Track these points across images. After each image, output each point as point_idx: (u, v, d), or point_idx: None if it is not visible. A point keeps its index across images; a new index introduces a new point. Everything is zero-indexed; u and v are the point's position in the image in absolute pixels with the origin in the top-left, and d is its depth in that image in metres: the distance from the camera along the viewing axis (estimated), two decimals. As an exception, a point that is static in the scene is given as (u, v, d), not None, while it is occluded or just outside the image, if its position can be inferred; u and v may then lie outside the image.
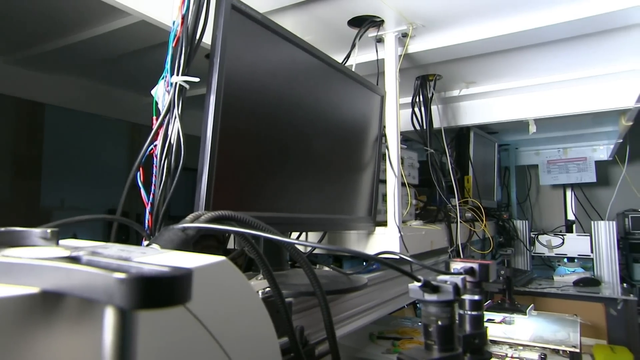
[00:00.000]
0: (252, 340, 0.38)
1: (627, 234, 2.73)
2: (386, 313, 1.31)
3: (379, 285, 1.33)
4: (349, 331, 1.09)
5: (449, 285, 0.53)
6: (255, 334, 0.39)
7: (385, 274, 1.36)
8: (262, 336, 0.39)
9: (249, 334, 0.37)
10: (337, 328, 1.07)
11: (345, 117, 1.12)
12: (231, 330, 0.35)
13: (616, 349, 2.03)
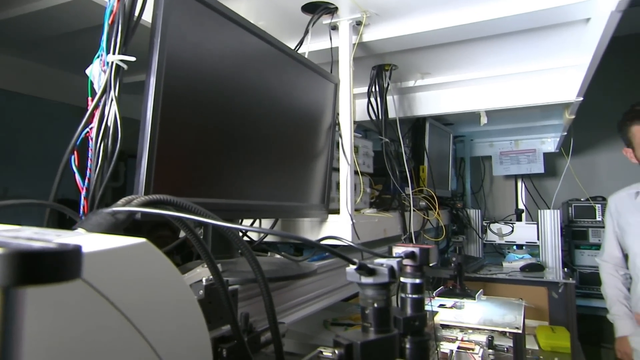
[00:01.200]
0: (176, 326, 0.37)
1: (571, 222, 2.89)
2: (338, 300, 1.32)
3: (332, 272, 1.34)
4: (300, 317, 1.09)
5: (385, 268, 0.54)
6: (179, 319, 0.38)
7: (337, 261, 1.38)
8: (188, 322, 0.39)
9: (172, 318, 0.36)
10: (287, 315, 1.08)
11: (297, 104, 1.12)
12: (151, 315, 0.34)
13: (556, 329, 2.15)
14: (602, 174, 3.10)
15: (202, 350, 0.40)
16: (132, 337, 0.31)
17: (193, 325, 0.39)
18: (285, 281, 0.99)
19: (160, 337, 0.34)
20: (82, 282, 0.27)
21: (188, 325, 0.38)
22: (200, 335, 0.40)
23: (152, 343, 0.33)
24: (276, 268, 0.96)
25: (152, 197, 0.53)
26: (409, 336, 0.72)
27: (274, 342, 0.65)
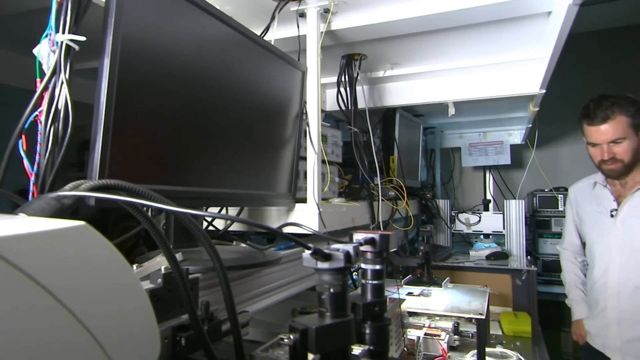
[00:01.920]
0: (117, 309, 0.36)
1: (535, 212, 2.98)
2: (305, 288, 1.32)
3: (299, 260, 1.34)
4: (265, 306, 1.09)
5: (340, 253, 0.54)
6: (121, 303, 0.37)
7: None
8: (130, 306, 0.38)
9: (112, 302, 0.35)
10: (252, 303, 1.07)
11: (263, 92, 1.10)
12: (87, 297, 0.33)
13: (519, 314, 2.23)
14: (565, 165, 3.21)
15: (148, 334, 0.39)
16: (64, 319, 0.30)
17: (136, 310, 0.38)
18: (249, 269, 0.98)
19: (98, 320, 0.33)
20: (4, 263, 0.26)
21: (130, 309, 0.37)
22: (145, 319, 0.39)
23: (88, 325, 0.32)
24: (239, 256, 0.95)
25: (101, 182, 0.51)
26: (369, 321, 0.73)
27: (232, 330, 0.65)
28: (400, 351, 1.62)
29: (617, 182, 1.80)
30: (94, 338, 0.32)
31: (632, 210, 1.72)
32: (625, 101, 1.68)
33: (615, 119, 1.66)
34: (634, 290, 1.69)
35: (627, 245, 1.71)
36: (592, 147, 1.76)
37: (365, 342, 0.73)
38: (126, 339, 0.36)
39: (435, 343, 1.90)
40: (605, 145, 1.70)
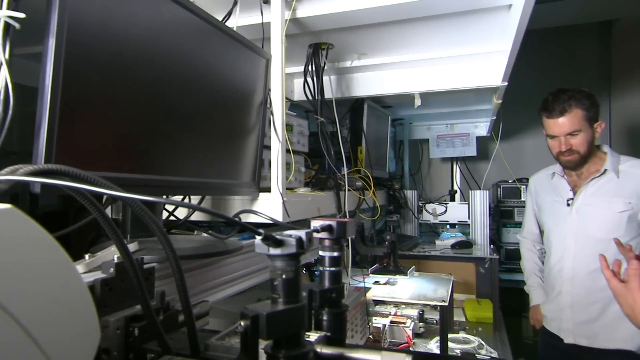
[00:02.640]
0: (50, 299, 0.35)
1: (499, 202, 3.07)
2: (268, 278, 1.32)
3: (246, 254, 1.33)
4: (227, 295, 1.08)
5: (293, 239, 0.54)
6: (54, 292, 0.35)
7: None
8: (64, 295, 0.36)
9: (41, 286, 0.34)
10: (213, 293, 1.06)
11: (224, 79, 1.08)
12: (11, 281, 0.31)
13: (482, 301, 2.30)
14: (529, 157, 3.31)
15: (84, 323, 0.38)
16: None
17: (70, 297, 0.37)
18: (209, 259, 0.97)
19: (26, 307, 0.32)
20: None
21: (64, 297, 0.36)
22: (80, 307, 0.38)
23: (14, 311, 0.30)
24: (198, 245, 0.93)
25: (41, 167, 0.49)
26: (326, 308, 0.74)
27: (186, 319, 0.64)
28: (365, 339, 1.65)
29: (573, 172, 1.87)
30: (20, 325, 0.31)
31: (587, 199, 1.80)
32: (581, 95, 1.74)
33: (571, 112, 1.72)
34: (587, 275, 1.76)
35: (582, 233, 1.78)
36: (551, 139, 1.82)
37: (323, 329, 0.73)
38: (59, 326, 0.35)
39: (400, 330, 1.94)
40: (562, 138, 1.76)
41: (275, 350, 0.55)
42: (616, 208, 1.72)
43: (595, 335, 1.77)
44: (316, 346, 0.65)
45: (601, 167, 1.78)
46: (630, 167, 1.75)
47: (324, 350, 0.65)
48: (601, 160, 1.81)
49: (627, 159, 1.80)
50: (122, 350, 0.68)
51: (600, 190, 1.77)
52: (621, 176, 1.75)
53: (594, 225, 1.76)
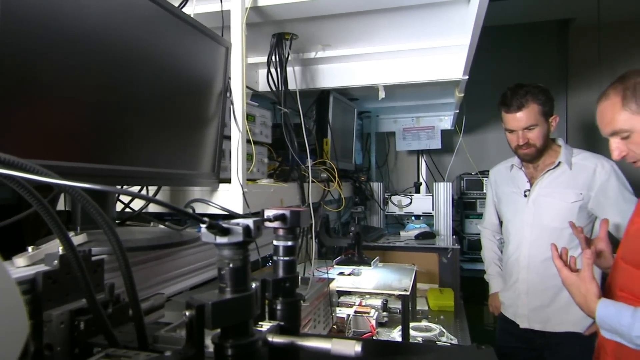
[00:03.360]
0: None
1: (462, 194, 3.15)
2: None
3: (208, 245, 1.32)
4: (184, 287, 1.06)
5: (239, 227, 0.54)
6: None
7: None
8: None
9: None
10: (170, 285, 1.04)
11: (181, 66, 1.06)
12: None
13: (444, 290, 2.36)
14: (491, 150, 3.41)
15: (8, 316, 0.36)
16: None
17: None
18: (164, 250, 0.95)
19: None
20: None
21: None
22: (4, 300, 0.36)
23: None
24: (152, 237, 0.91)
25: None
26: (280, 297, 0.74)
27: (133, 312, 0.62)
28: (328, 329, 1.66)
29: (530, 165, 1.94)
30: None
31: (542, 190, 1.87)
32: (537, 90, 1.81)
33: (528, 107, 1.79)
34: (541, 263, 1.84)
35: (537, 223, 1.85)
36: (510, 133, 1.88)
37: (277, 318, 0.73)
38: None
39: (364, 320, 1.96)
40: (520, 132, 1.82)
41: (223, 340, 0.55)
42: (569, 199, 1.80)
43: (547, 319, 1.85)
44: (268, 335, 0.65)
45: (556, 159, 1.86)
46: (581, 159, 1.83)
47: (275, 339, 0.64)
48: (556, 153, 1.88)
49: (579, 152, 1.88)
50: (66, 345, 0.66)
51: (554, 182, 1.85)
52: (574, 168, 1.83)
53: (548, 215, 1.83)
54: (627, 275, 1.21)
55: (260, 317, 0.71)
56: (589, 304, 1.21)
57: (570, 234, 1.81)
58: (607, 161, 1.80)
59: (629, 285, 1.20)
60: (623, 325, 1.10)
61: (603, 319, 1.16)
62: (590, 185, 1.78)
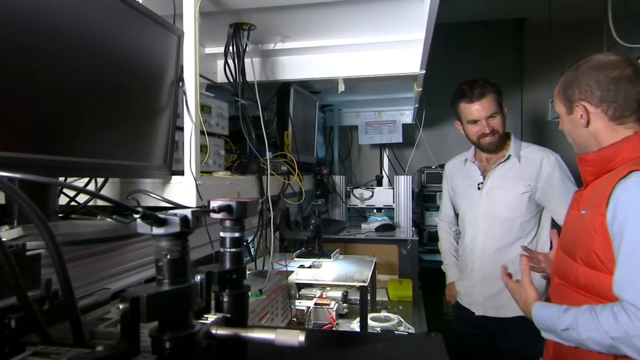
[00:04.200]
0: None
1: (423, 187, 3.22)
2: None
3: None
4: (133, 282, 1.04)
5: (176, 218, 0.52)
6: None
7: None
8: None
9: None
10: (118, 279, 1.01)
11: (129, 54, 1.02)
12: None
13: (403, 281, 2.41)
14: (451, 144, 3.49)
15: None
16: None
17: None
18: (111, 244, 0.92)
19: None
20: None
21: None
22: None
23: None
24: (96, 230, 0.88)
25: None
26: (227, 289, 0.73)
27: (67, 308, 0.60)
28: (287, 321, 1.67)
29: (483, 158, 2.00)
30: None
31: (494, 183, 1.94)
32: (488, 83, 1.88)
33: (488, 96, 1.86)
34: (495, 253, 1.91)
35: (490, 214, 1.92)
36: (472, 124, 1.93)
37: (223, 311, 0.72)
38: None
39: (324, 312, 1.98)
40: (484, 121, 1.88)
41: (161, 333, 0.54)
42: (518, 190, 1.88)
43: (501, 306, 1.92)
44: (211, 328, 0.64)
45: (506, 153, 1.93)
46: (529, 152, 1.92)
47: (218, 331, 0.64)
48: (507, 146, 1.96)
49: (527, 145, 1.96)
50: (-4, 343, 0.63)
51: (505, 174, 1.92)
52: (522, 161, 1.91)
53: (500, 206, 1.91)
54: (562, 263, 1.28)
55: (205, 310, 0.70)
56: (528, 307, 1.29)
57: (521, 223, 1.90)
58: (552, 154, 1.89)
59: (563, 272, 1.27)
60: (552, 322, 1.16)
61: (538, 319, 1.23)
62: (537, 177, 1.86)
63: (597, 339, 1.05)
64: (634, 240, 1.04)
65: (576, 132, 1.29)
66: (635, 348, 1.00)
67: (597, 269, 1.13)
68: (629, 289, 1.02)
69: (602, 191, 1.13)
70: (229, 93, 2.08)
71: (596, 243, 1.12)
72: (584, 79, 1.23)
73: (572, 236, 1.24)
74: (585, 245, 1.16)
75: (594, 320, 1.06)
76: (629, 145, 1.16)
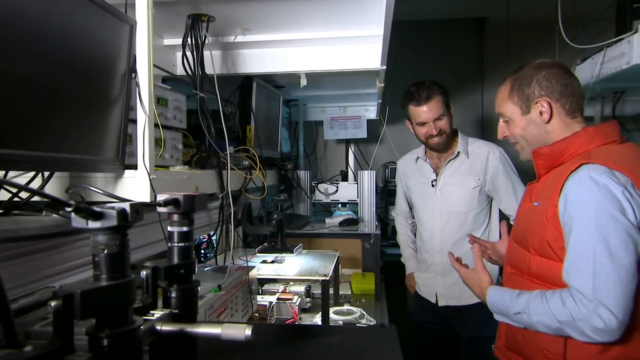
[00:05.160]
0: None
1: (387, 182, 3.27)
2: (141, 258, 1.25)
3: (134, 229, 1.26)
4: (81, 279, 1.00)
5: (113, 211, 0.51)
6: None
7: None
8: None
9: None
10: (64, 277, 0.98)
11: (76, 43, 0.97)
12: None
13: (366, 275, 2.44)
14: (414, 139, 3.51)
15: None
16: None
17: None
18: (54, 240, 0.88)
19: None
20: None
21: None
22: None
23: None
24: (39, 226, 0.84)
25: None
26: (175, 285, 0.71)
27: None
28: (248, 317, 1.66)
29: (434, 155, 2.07)
30: None
31: (447, 179, 2.00)
32: (436, 84, 1.94)
33: (435, 98, 1.92)
34: (453, 246, 1.97)
35: (446, 209, 1.98)
36: (421, 126, 1.98)
37: (171, 306, 0.71)
38: None
39: (287, 306, 1.98)
40: (432, 123, 1.94)
41: (98, 330, 0.52)
42: (470, 185, 1.95)
43: (461, 294, 1.98)
44: (156, 324, 0.63)
45: (454, 149, 2.00)
46: (476, 148, 1.99)
47: (163, 327, 0.62)
48: (455, 143, 2.02)
49: (474, 141, 2.03)
50: None
51: (456, 170, 1.99)
52: (471, 156, 1.98)
53: (455, 202, 1.97)
54: (514, 252, 1.33)
55: (152, 306, 0.68)
56: (483, 291, 1.33)
57: (474, 215, 1.97)
58: (497, 147, 1.98)
59: (515, 261, 1.32)
60: (505, 306, 1.22)
61: (492, 303, 1.28)
62: (485, 170, 1.94)
63: (546, 322, 1.11)
64: (582, 230, 1.09)
65: (532, 132, 1.31)
66: (579, 330, 1.06)
67: (549, 257, 1.18)
68: (576, 276, 1.08)
69: (555, 183, 1.18)
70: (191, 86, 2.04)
71: (548, 233, 1.17)
72: (542, 76, 1.26)
73: (525, 227, 1.29)
74: (538, 235, 1.20)
75: (544, 305, 1.12)
76: (578, 140, 1.22)
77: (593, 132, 1.22)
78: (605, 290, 1.03)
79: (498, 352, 1.37)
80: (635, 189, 1.08)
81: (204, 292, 1.37)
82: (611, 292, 1.03)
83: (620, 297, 1.03)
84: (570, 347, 1.13)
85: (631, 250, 1.04)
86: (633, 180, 1.08)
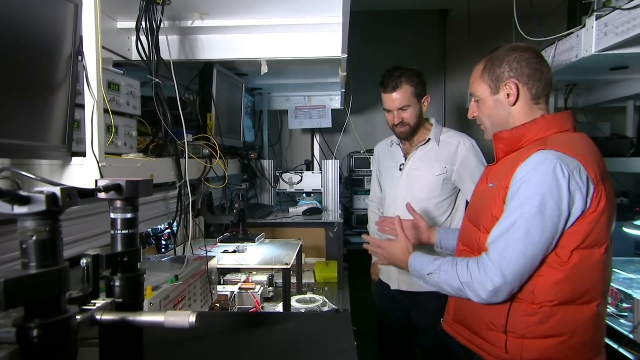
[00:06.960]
0: None
1: (352, 171, 3.29)
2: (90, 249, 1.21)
3: (79, 219, 1.22)
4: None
5: (41, 195, 0.48)
6: None
7: (89, 207, 1.26)
8: None
9: None
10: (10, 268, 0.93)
11: (14, 22, 0.92)
12: None
13: (330, 263, 2.46)
14: (379, 129, 3.57)
15: None
16: None
17: None
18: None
19: None
20: None
21: None
22: None
23: None
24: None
25: None
26: (119, 273, 0.69)
27: None
28: (207, 306, 1.64)
29: (407, 141, 2.08)
30: None
31: (414, 164, 2.03)
32: (410, 72, 1.94)
33: (402, 88, 1.92)
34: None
35: (409, 193, 2.01)
36: (387, 112, 2.01)
37: (115, 295, 0.69)
38: None
39: (249, 296, 1.97)
40: (395, 112, 1.96)
41: (27, 320, 0.50)
42: (435, 172, 1.98)
43: (413, 281, 2.02)
44: (95, 313, 0.61)
45: (427, 136, 2.02)
46: (448, 137, 2.02)
47: (103, 316, 0.61)
48: (427, 131, 2.05)
49: (447, 130, 2.06)
50: None
51: (424, 157, 2.01)
52: (441, 145, 2.00)
53: (417, 187, 2.00)
54: (467, 230, 1.38)
55: (93, 295, 0.66)
56: (406, 257, 1.41)
57: (436, 203, 2.00)
58: (469, 139, 2.01)
59: (466, 239, 1.37)
60: (422, 268, 1.33)
61: (412, 266, 1.39)
62: (453, 160, 1.97)
63: (450, 282, 1.24)
64: (514, 206, 1.16)
65: (497, 113, 1.34)
66: (474, 292, 1.18)
67: None
68: (492, 248, 1.18)
69: (510, 167, 1.23)
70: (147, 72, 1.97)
71: (498, 212, 1.21)
72: (513, 57, 1.29)
73: (478, 206, 1.34)
74: (489, 214, 1.25)
75: (452, 267, 1.24)
76: (537, 127, 1.26)
77: (551, 120, 1.27)
78: (508, 259, 1.13)
79: (446, 325, 1.43)
80: (583, 174, 1.13)
81: (160, 282, 1.34)
82: (512, 261, 1.13)
83: (518, 267, 1.13)
84: (511, 319, 1.20)
85: (546, 237, 1.13)
86: (584, 165, 1.14)
